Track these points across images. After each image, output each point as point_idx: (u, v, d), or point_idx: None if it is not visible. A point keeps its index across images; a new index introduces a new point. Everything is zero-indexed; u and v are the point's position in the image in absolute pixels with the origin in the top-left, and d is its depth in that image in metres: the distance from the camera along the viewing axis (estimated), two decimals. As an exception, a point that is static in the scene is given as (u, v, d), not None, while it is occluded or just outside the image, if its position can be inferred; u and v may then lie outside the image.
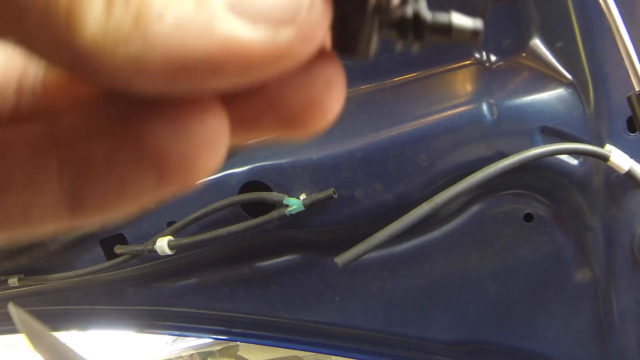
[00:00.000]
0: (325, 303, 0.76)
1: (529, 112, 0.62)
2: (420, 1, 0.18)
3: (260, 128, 0.17)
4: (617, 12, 0.54)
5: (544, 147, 0.58)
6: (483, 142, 0.63)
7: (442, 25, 0.18)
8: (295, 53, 0.15)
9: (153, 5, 0.14)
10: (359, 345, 0.78)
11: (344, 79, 0.18)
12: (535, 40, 0.64)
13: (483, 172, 0.58)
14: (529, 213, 0.67)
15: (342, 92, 0.18)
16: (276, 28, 0.14)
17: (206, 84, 0.15)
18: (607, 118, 0.61)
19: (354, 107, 0.72)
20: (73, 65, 0.14)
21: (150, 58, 0.14)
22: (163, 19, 0.14)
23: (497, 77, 0.65)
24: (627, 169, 0.58)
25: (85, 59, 0.14)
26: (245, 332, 0.83)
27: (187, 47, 0.14)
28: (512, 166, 0.57)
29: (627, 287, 0.65)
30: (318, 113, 0.17)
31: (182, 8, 0.14)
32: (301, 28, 0.15)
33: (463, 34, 0.19)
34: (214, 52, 0.14)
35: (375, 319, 0.75)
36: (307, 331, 0.79)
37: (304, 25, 0.15)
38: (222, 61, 0.14)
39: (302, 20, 0.15)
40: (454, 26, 0.19)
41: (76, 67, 0.14)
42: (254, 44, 0.14)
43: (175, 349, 2.41)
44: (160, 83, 0.14)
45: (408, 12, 0.18)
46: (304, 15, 0.15)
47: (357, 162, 0.64)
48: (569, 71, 0.63)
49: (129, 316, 0.91)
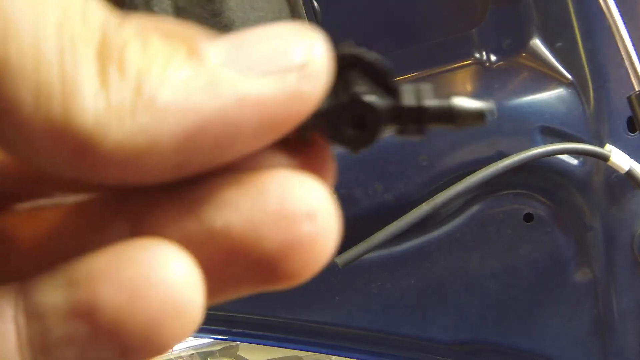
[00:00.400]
0: (325, 303, 0.76)
1: (529, 112, 0.62)
2: (424, 88, 0.17)
3: (231, 281, 0.14)
4: (617, 12, 0.54)
5: (544, 147, 0.58)
6: (483, 142, 0.63)
7: (445, 112, 0.17)
8: (307, 93, 0.13)
9: (152, 73, 0.13)
10: (359, 345, 0.78)
11: (335, 203, 0.14)
12: (535, 40, 0.64)
13: (483, 172, 0.58)
14: (529, 213, 0.67)
15: (333, 214, 0.14)
16: (282, 75, 0.13)
17: (224, 150, 0.13)
18: (607, 118, 0.61)
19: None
20: (74, 160, 0.13)
21: (163, 126, 0.12)
22: (165, 84, 0.13)
23: (497, 77, 0.65)
24: (627, 169, 0.58)
25: (90, 147, 0.12)
26: (245, 332, 0.83)
27: (200, 109, 0.13)
28: (512, 166, 0.57)
29: (627, 287, 0.65)
30: (304, 250, 0.13)
31: (182, 73, 0.13)
32: (305, 68, 0.13)
33: (468, 118, 0.17)
34: (230, 109, 0.13)
35: (375, 319, 0.75)
36: (307, 331, 0.79)
37: (307, 66, 0.13)
38: (238, 119, 0.13)
39: (303, 63, 0.13)
40: (458, 112, 0.17)
41: (79, 163, 0.13)
42: (265, 95, 0.13)
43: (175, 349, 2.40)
44: (176, 156, 0.13)
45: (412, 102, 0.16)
46: (305, 58, 0.13)
47: (357, 162, 0.64)
48: (569, 71, 0.63)
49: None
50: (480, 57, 0.67)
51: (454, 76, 0.68)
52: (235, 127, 0.13)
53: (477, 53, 0.67)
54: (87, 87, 0.12)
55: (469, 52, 0.67)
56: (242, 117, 0.13)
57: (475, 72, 0.66)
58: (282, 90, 0.13)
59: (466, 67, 0.67)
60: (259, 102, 0.13)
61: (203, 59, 0.13)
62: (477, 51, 0.67)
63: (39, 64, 0.12)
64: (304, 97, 0.13)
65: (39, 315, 0.13)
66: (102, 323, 0.13)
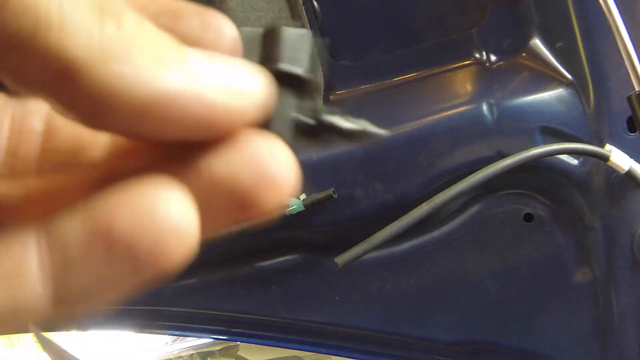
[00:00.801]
0: (325, 303, 0.77)
1: (529, 112, 0.62)
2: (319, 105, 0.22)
3: (219, 215, 0.18)
4: (617, 12, 0.54)
5: (544, 147, 0.58)
6: (483, 142, 0.63)
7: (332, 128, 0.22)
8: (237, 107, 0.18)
9: (141, 43, 0.16)
10: (359, 345, 0.78)
11: (290, 152, 0.19)
12: (535, 40, 0.64)
13: (483, 172, 0.58)
14: (529, 213, 0.67)
15: (291, 165, 0.19)
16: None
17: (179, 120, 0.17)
18: (607, 118, 0.61)
19: (354, 107, 0.72)
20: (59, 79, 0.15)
21: (136, 83, 0.16)
22: (144, 56, 0.16)
23: (497, 77, 0.65)
24: (627, 169, 0.58)
25: (75, 73, 0.15)
26: (245, 332, 0.83)
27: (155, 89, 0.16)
28: (512, 166, 0.57)
29: (627, 287, 0.65)
30: (270, 188, 0.18)
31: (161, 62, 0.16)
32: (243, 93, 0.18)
33: (352, 137, 0.22)
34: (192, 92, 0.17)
35: (375, 319, 0.75)
36: (307, 331, 0.79)
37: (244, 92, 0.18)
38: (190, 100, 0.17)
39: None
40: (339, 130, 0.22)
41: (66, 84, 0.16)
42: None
43: (175, 349, 2.41)
44: (138, 111, 0.16)
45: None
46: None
47: (357, 162, 0.64)
48: (569, 71, 0.63)
49: (129, 316, 0.91)
50: (480, 57, 0.67)
51: (454, 76, 0.68)
52: (184, 106, 0.17)
53: (477, 53, 0.67)
54: (84, 27, 0.15)
55: (469, 52, 0.67)
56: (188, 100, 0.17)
57: (475, 72, 0.66)
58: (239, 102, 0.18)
59: (466, 67, 0.67)
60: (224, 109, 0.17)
61: (188, 63, 0.17)
62: (477, 51, 0.67)
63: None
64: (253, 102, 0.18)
65: (60, 240, 0.17)
66: (116, 243, 0.16)
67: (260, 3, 0.70)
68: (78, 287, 0.17)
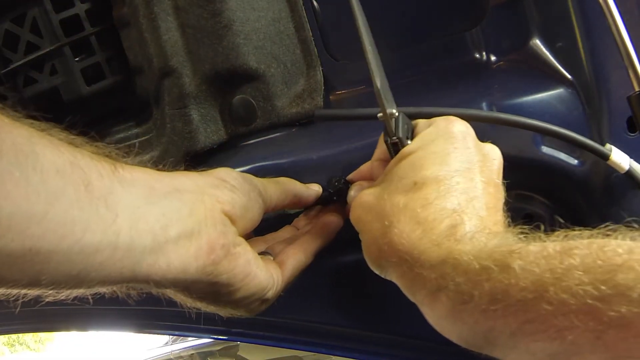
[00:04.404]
0: (325, 303, 0.77)
1: (529, 112, 0.62)
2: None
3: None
4: (617, 12, 0.54)
5: (544, 123, 0.57)
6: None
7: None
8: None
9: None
10: (358, 345, 0.78)
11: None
12: (535, 40, 0.64)
13: (475, 111, 0.59)
14: (529, 213, 0.67)
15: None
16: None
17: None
18: (607, 118, 0.61)
19: (354, 107, 0.72)
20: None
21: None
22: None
23: (497, 77, 0.66)
24: (627, 169, 0.58)
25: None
26: (245, 332, 0.83)
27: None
28: (505, 122, 0.56)
29: (627, 287, 0.65)
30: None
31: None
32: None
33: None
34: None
35: (375, 319, 0.75)
36: (307, 331, 0.79)
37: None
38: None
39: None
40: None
41: None
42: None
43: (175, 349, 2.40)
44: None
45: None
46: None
47: (358, 162, 0.64)
48: (569, 71, 0.63)
49: (129, 316, 0.91)
50: (480, 57, 0.67)
51: (453, 76, 0.68)
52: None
53: (477, 53, 0.67)
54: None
55: (469, 52, 0.67)
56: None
57: (475, 72, 0.66)
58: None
59: (466, 67, 0.67)
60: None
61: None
62: (477, 51, 0.67)
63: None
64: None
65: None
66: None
67: (260, 3, 0.70)
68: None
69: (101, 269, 0.40)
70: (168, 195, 0.47)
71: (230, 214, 0.51)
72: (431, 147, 0.49)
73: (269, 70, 0.70)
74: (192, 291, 0.50)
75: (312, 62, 0.72)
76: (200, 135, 0.71)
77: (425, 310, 0.44)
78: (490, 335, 0.36)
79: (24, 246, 0.35)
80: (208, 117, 0.72)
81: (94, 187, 0.40)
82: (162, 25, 0.68)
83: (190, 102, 0.70)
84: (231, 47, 0.68)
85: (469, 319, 0.38)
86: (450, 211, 0.43)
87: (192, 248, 0.46)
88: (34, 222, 0.35)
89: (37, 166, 0.36)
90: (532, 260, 0.34)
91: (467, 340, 0.41)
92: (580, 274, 0.31)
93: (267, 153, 0.72)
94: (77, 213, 0.38)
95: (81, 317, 0.96)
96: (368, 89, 0.72)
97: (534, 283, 0.33)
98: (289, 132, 0.73)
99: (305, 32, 0.72)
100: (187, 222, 0.47)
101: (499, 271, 0.35)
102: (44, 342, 9.27)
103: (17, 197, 0.34)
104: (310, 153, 0.69)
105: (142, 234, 0.43)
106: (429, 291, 0.42)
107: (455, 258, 0.39)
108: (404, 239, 0.44)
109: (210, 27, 0.68)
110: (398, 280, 0.47)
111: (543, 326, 0.31)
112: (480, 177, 0.47)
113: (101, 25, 0.73)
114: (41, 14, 0.69)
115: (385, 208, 0.47)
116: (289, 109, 0.72)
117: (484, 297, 0.36)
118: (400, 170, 0.49)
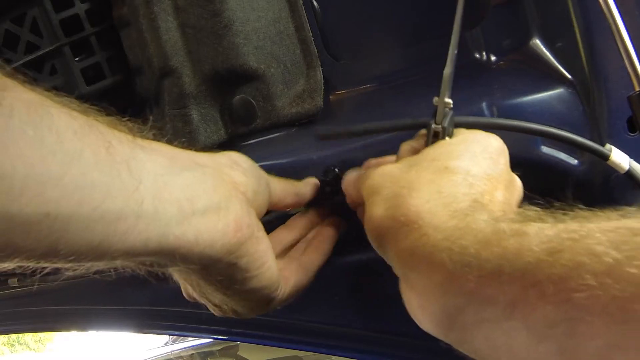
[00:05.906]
0: (325, 303, 0.77)
1: (529, 112, 0.62)
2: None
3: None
4: (617, 12, 0.54)
5: (544, 126, 0.57)
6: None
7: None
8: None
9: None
10: (359, 345, 0.78)
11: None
12: (535, 40, 0.64)
13: (474, 118, 0.58)
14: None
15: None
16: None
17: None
18: (607, 118, 0.61)
19: (354, 107, 0.72)
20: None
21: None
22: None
23: (497, 77, 0.65)
24: (627, 169, 0.58)
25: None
26: (245, 332, 0.83)
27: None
28: (502, 127, 0.56)
29: (627, 287, 0.65)
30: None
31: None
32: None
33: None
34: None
35: (375, 318, 0.75)
36: (307, 331, 0.79)
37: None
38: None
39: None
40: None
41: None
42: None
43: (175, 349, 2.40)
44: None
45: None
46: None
47: (358, 162, 0.64)
48: (569, 71, 0.63)
49: (129, 316, 0.91)
50: (480, 57, 0.67)
51: (453, 76, 0.68)
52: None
53: (477, 53, 0.67)
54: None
55: (469, 52, 0.67)
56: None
57: (475, 72, 0.66)
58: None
59: (466, 67, 0.67)
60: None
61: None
62: (477, 51, 0.67)
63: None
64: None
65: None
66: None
67: (260, 3, 0.70)
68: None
69: (125, 239, 0.37)
70: (189, 167, 0.45)
71: (246, 196, 0.49)
72: (469, 146, 0.48)
73: (269, 70, 0.70)
74: (211, 272, 0.46)
75: (312, 62, 0.72)
76: (200, 135, 0.71)
77: (416, 280, 0.40)
78: (481, 307, 0.34)
79: (39, 211, 0.32)
80: (208, 117, 0.72)
81: (116, 151, 0.37)
82: (162, 25, 0.68)
83: (190, 102, 0.70)
84: (231, 47, 0.68)
85: (466, 285, 0.34)
86: (473, 200, 0.42)
87: (220, 224, 0.44)
88: (50, 186, 0.32)
89: (53, 127, 0.33)
90: (549, 225, 0.33)
91: (442, 320, 0.38)
92: (599, 235, 0.29)
93: (267, 153, 0.72)
94: (97, 176, 0.35)
95: (81, 317, 0.96)
96: (368, 88, 0.72)
97: (548, 244, 0.31)
98: (289, 132, 0.73)
99: (305, 32, 0.72)
100: (213, 196, 0.44)
101: (512, 235, 0.34)
102: (44, 342, 9.28)
103: (32, 157, 0.31)
104: (310, 153, 0.69)
105: (167, 204, 0.40)
106: (429, 253, 0.38)
107: (468, 223, 0.38)
108: (419, 202, 0.41)
109: (210, 27, 0.68)
110: (396, 245, 0.42)
111: (552, 289, 0.29)
112: (504, 193, 0.47)
113: (101, 25, 0.73)
114: (41, 14, 0.69)
115: (409, 177, 0.45)
116: (289, 109, 0.72)
117: (491, 259, 0.33)
118: (434, 153, 0.48)
